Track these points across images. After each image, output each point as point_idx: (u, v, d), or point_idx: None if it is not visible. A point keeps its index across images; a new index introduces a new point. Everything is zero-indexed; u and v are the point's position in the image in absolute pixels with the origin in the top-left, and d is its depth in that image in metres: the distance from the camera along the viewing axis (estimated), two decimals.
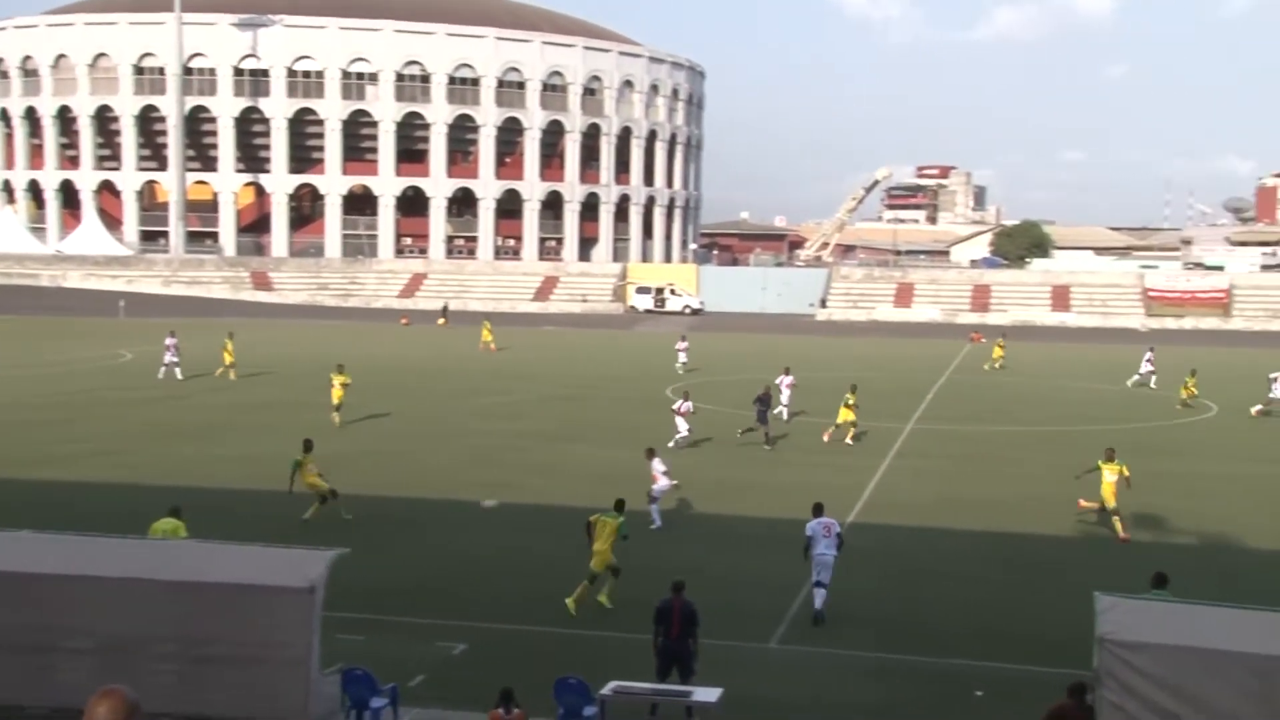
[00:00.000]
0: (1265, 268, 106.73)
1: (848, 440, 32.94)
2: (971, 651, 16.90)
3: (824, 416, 35.63)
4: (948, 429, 37.11)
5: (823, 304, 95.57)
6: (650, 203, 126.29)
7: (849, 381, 35.79)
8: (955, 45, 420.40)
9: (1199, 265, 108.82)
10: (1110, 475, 23.34)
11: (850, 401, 33.24)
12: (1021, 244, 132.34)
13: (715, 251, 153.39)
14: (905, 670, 16.26)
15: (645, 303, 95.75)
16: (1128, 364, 59.25)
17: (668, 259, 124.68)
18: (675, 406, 32.79)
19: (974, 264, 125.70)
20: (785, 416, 36.95)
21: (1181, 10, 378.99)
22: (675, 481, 24.51)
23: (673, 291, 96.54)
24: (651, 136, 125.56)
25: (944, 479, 28.98)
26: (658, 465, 24.01)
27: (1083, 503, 24.57)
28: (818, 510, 18.42)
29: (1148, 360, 49.07)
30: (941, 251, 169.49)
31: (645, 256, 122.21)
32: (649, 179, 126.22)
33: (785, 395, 37.19)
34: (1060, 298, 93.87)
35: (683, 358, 51.94)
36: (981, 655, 16.74)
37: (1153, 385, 47.49)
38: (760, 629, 17.62)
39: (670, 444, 31.31)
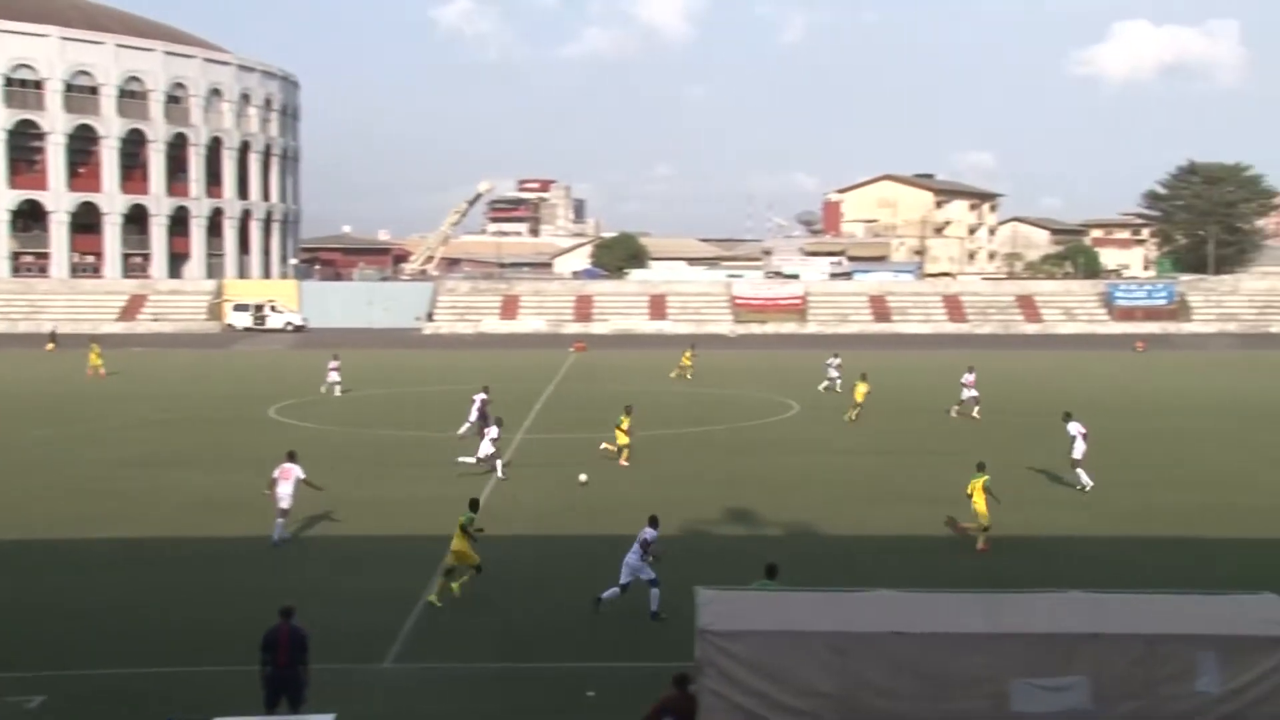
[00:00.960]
0: (833, 275, 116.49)
1: (622, 462, 32.34)
2: (585, 653, 17.33)
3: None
4: (556, 438, 37.97)
5: (429, 317, 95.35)
6: (246, 216, 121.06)
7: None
8: (548, 62, 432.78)
9: (778, 274, 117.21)
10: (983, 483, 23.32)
11: (623, 424, 32.99)
12: (620, 255, 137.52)
13: (317, 266, 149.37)
14: (521, 677, 16.43)
15: (244, 320, 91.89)
16: (719, 369, 63.02)
17: (267, 275, 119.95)
18: (489, 433, 30.92)
19: (576, 275, 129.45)
20: (461, 432, 36.36)
21: (748, 37, 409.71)
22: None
23: (273, 308, 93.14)
24: (244, 147, 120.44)
25: (555, 486, 29.56)
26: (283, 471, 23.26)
27: (960, 525, 23.78)
28: (652, 522, 19.28)
29: (834, 366, 51.99)
30: (545, 264, 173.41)
31: (243, 273, 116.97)
32: (244, 192, 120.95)
33: (474, 413, 36.50)
34: (657, 306, 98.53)
35: (334, 377, 50.23)
36: (594, 656, 17.20)
37: (838, 389, 50.29)
38: (374, 649, 17.26)
39: (469, 459, 30.70)
